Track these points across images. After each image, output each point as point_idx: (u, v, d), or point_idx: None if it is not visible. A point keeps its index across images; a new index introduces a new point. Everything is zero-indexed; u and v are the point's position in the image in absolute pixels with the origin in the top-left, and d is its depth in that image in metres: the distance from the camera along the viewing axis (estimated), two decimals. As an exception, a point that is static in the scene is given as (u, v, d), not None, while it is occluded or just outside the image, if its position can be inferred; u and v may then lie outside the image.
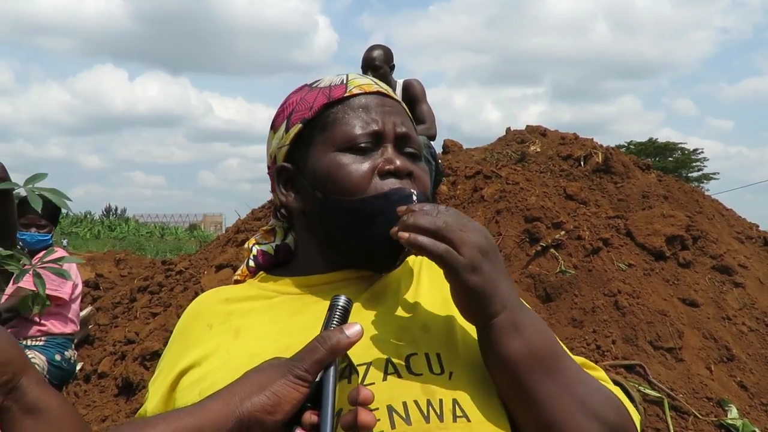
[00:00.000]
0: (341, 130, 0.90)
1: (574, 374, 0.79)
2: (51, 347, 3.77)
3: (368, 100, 0.92)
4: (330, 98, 0.92)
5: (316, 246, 0.95)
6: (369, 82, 0.95)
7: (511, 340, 0.76)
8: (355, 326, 0.69)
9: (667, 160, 32.24)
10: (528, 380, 0.76)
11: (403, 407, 0.75)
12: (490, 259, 0.76)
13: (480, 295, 0.75)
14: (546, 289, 3.91)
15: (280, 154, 0.96)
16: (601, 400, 0.80)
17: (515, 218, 4.49)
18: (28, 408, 0.80)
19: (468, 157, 6.29)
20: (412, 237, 0.76)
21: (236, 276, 1.04)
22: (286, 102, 0.98)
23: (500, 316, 0.76)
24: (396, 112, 0.93)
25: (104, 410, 4.18)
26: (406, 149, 0.92)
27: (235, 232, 5.99)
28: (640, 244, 4.33)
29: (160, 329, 4.65)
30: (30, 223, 3.71)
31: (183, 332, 0.93)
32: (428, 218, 0.77)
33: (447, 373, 0.80)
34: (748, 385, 3.50)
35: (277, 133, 0.96)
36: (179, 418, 0.65)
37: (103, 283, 6.89)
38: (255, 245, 1.03)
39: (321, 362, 0.66)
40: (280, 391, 0.64)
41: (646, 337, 3.53)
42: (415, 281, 0.95)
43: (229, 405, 0.64)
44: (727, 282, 4.27)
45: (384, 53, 4.65)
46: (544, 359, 0.77)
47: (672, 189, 5.36)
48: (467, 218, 0.79)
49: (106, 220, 35.87)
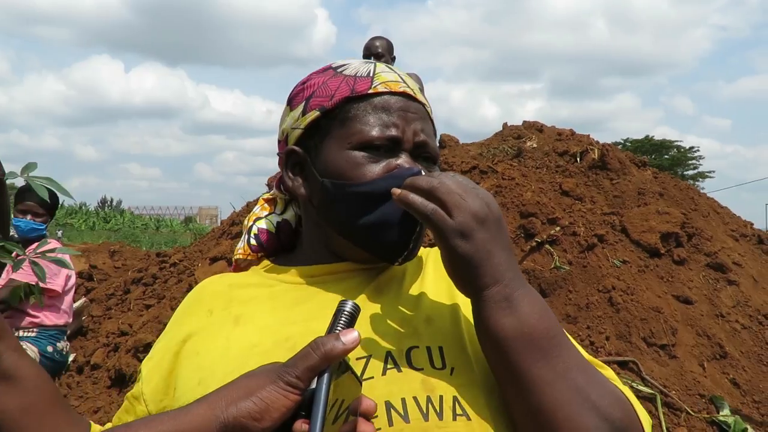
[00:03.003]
0: (359, 129, 0.86)
1: (575, 363, 0.74)
2: (43, 338, 3.76)
3: (392, 101, 0.88)
4: (353, 92, 0.88)
5: (321, 236, 0.93)
6: (396, 79, 0.90)
7: (503, 315, 0.72)
8: (352, 333, 0.65)
9: (663, 158, 32.33)
10: (519, 361, 0.71)
11: (401, 404, 0.73)
12: (487, 228, 0.72)
13: (468, 263, 0.72)
14: (541, 285, 3.92)
15: (293, 135, 0.93)
16: (605, 395, 0.73)
17: (511, 214, 4.48)
18: (2, 375, 0.77)
19: (464, 152, 6.29)
20: (403, 193, 0.75)
21: (237, 254, 1.01)
22: (307, 81, 0.93)
23: (491, 289, 0.72)
24: (418, 118, 0.90)
25: (97, 401, 4.17)
26: (422, 155, 0.90)
27: (230, 225, 5.98)
28: (635, 241, 4.33)
29: (153, 321, 4.64)
30: (27, 210, 3.70)
31: (183, 314, 0.91)
32: (425, 179, 0.75)
33: (449, 369, 0.77)
34: (740, 382, 3.51)
35: (293, 112, 0.93)
36: (161, 422, 0.63)
37: (97, 274, 6.86)
38: (255, 223, 1.01)
39: (313, 369, 0.63)
40: (268, 398, 0.62)
41: (640, 334, 3.54)
42: (420, 274, 0.93)
43: (214, 410, 0.62)
44: (721, 279, 4.28)
45: (386, 43, 4.69)
46: (538, 340, 0.72)
47: (667, 186, 5.37)
48: (475, 185, 0.76)
49: (102, 212, 35.79)
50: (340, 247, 0.90)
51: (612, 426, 0.71)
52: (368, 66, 0.92)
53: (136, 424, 0.64)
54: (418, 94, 0.93)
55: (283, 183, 0.96)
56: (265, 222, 1.00)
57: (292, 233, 1.01)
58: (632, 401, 0.78)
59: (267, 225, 1.00)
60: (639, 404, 0.80)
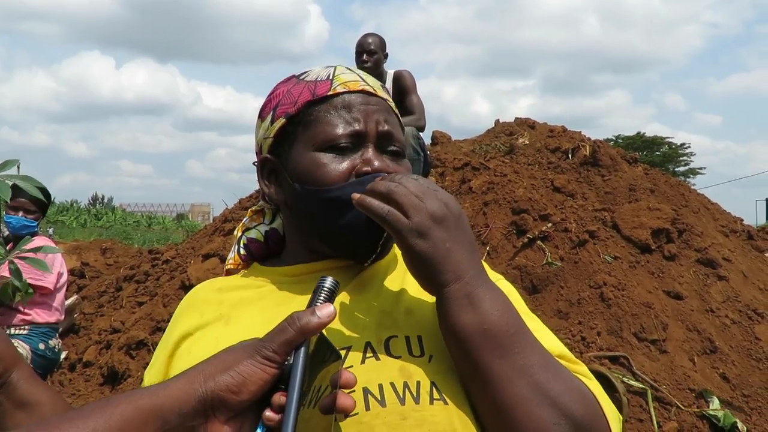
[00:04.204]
0: (322, 129, 0.89)
1: (537, 359, 0.74)
2: (35, 336, 3.74)
3: (352, 99, 0.91)
4: (314, 95, 0.91)
5: (300, 236, 0.96)
6: (355, 78, 0.93)
7: (463, 313, 0.74)
8: (328, 308, 0.67)
9: (655, 155, 32.48)
10: (480, 357, 0.73)
11: (378, 389, 0.75)
12: (445, 227, 0.75)
13: (427, 261, 0.74)
14: (532, 281, 3.93)
15: (265, 144, 0.96)
16: (566, 391, 0.74)
17: (503, 210, 4.50)
18: (19, 402, 0.79)
19: (456, 149, 6.31)
20: (361, 198, 0.77)
21: (228, 265, 1.05)
22: (273, 92, 0.97)
23: (451, 286, 0.74)
24: (380, 110, 0.92)
25: (89, 399, 4.17)
26: (388, 148, 0.92)
27: (223, 222, 5.97)
28: (626, 237, 4.36)
29: (146, 318, 4.63)
30: (19, 207, 3.69)
31: (177, 319, 0.94)
32: (384, 183, 0.77)
33: (427, 356, 0.79)
34: (730, 376, 3.54)
35: (264, 123, 0.97)
36: (141, 397, 0.63)
37: (89, 272, 6.84)
38: (244, 233, 1.04)
39: (290, 343, 0.64)
40: (246, 371, 0.63)
41: (631, 329, 3.57)
42: (401, 268, 0.95)
43: (192, 383, 0.63)
44: (711, 275, 4.32)
45: (379, 40, 4.69)
46: (497, 337, 0.73)
47: (658, 182, 5.40)
48: (435, 187, 0.78)
49: (93, 209, 35.58)
50: (318, 246, 0.93)
51: (573, 422, 0.72)
52: (328, 70, 0.95)
53: (117, 398, 0.64)
54: (379, 90, 0.95)
55: (261, 190, 0.99)
56: (255, 232, 1.03)
57: (281, 240, 1.03)
58: (598, 397, 0.79)
59: (256, 234, 1.03)
60: (607, 400, 0.80)
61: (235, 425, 0.63)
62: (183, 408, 0.62)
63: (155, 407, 0.62)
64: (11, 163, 1.14)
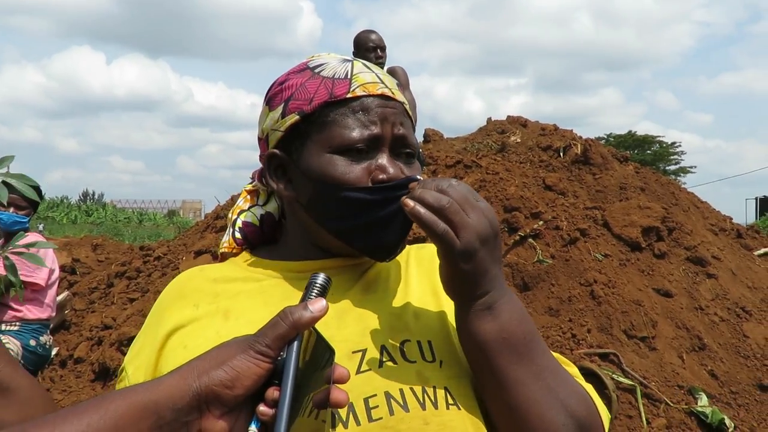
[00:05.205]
0: (339, 133, 0.87)
1: (548, 365, 0.80)
2: (26, 332, 3.73)
3: (369, 102, 0.89)
4: (332, 96, 0.88)
5: (309, 233, 0.94)
6: (374, 80, 0.91)
7: (484, 321, 0.77)
8: (320, 302, 0.67)
9: (646, 153, 32.61)
10: (498, 362, 0.77)
11: (400, 394, 0.78)
12: (487, 246, 0.76)
13: (466, 280, 0.77)
14: (524, 278, 3.95)
15: (273, 136, 0.94)
16: (572, 394, 0.80)
17: (494, 208, 4.51)
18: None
19: (448, 147, 6.32)
20: (415, 209, 0.76)
21: (222, 248, 1.03)
22: (285, 81, 0.93)
23: (479, 300, 0.78)
24: (396, 113, 0.91)
25: (80, 395, 4.15)
26: (402, 150, 0.92)
27: (214, 219, 5.95)
28: (617, 235, 4.39)
29: (137, 315, 4.62)
30: (10, 203, 3.67)
31: (165, 308, 0.91)
32: (433, 195, 0.77)
33: (438, 362, 0.83)
34: (718, 373, 3.57)
35: (273, 113, 0.93)
36: (136, 393, 0.63)
37: (80, 268, 6.80)
38: (239, 216, 1.02)
39: (283, 337, 0.65)
40: (240, 366, 0.63)
41: (621, 327, 3.59)
42: (403, 271, 0.96)
43: (186, 379, 0.63)
44: (701, 273, 4.35)
45: (381, 37, 4.74)
46: (515, 345, 0.78)
47: (649, 181, 5.44)
48: (476, 196, 0.79)
49: (83, 205, 35.34)
50: (327, 243, 0.93)
51: (578, 423, 0.79)
52: (346, 66, 0.92)
53: (111, 395, 0.64)
54: (396, 93, 0.94)
55: (268, 184, 0.97)
56: (250, 215, 1.01)
57: (276, 225, 1.02)
58: (594, 399, 0.86)
59: (251, 218, 1.01)
60: (599, 401, 0.87)
61: (230, 420, 0.64)
62: (177, 403, 0.62)
63: (150, 403, 0.62)
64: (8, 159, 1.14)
